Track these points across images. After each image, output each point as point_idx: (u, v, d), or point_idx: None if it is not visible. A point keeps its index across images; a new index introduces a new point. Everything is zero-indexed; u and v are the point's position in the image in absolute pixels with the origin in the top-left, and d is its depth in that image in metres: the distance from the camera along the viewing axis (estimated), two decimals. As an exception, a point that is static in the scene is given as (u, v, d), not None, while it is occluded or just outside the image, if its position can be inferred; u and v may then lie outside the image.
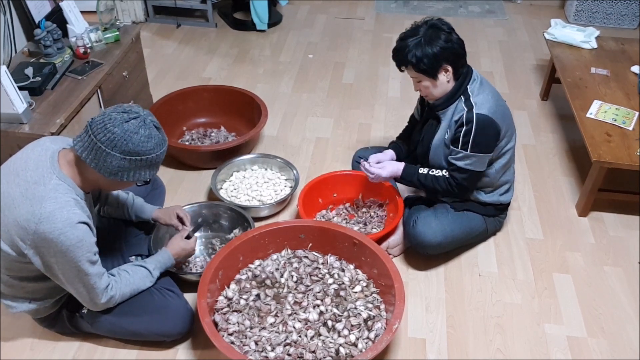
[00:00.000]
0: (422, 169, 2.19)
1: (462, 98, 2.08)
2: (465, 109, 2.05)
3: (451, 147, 2.11)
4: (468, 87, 2.08)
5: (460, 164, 2.10)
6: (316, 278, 2.05)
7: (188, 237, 2.03)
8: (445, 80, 2.06)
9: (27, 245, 1.56)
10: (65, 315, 1.86)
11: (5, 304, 1.79)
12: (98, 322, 1.83)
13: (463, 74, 2.08)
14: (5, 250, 1.61)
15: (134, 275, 1.81)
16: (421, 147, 2.27)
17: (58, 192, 1.55)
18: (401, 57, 2.05)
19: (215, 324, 1.85)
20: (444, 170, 2.16)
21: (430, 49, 1.99)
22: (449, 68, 2.03)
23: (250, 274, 2.06)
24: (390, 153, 2.37)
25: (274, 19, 4.17)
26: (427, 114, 2.26)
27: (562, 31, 3.23)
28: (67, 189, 1.58)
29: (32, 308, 1.79)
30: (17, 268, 1.67)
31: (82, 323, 1.87)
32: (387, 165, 2.24)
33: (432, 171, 2.17)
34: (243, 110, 2.99)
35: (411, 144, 2.38)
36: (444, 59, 2.01)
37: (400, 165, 2.23)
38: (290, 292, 1.99)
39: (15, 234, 1.56)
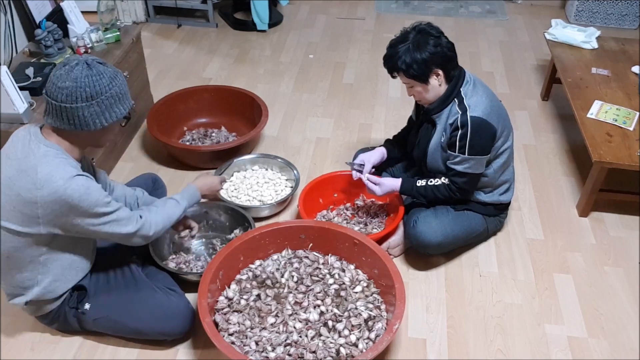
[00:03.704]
0: (419, 181, 2.19)
1: (456, 101, 2.08)
2: (460, 112, 2.05)
3: (448, 151, 2.11)
4: (461, 89, 2.08)
5: (459, 167, 2.10)
6: (317, 278, 2.05)
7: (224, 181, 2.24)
8: (437, 84, 2.06)
9: (41, 222, 1.60)
10: (67, 312, 1.86)
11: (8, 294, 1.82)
12: (99, 319, 1.84)
13: (455, 77, 2.08)
14: (14, 229, 1.63)
15: (163, 206, 1.89)
16: (417, 150, 2.27)
17: (48, 157, 1.59)
18: (391, 64, 2.06)
19: (216, 324, 1.85)
20: (442, 177, 2.16)
21: (419, 55, 1.99)
22: (440, 72, 2.03)
23: (250, 274, 2.06)
24: (381, 150, 2.39)
25: (275, 19, 4.17)
26: (422, 117, 2.26)
27: (563, 31, 3.23)
28: (55, 153, 1.61)
29: (36, 294, 1.77)
30: (20, 254, 1.69)
31: (83, 320, 1.87)
32: (383, 183, 2.24)
33: (431, 181, 2.17)
34: (243, 111, 2.99)
35: (408, 147, 2.39)
36: (434, 64, 2.01)
37: (397, 182, 2.23)
38: (290, 292, 1.99)
39: (25, 209, 1.59)
